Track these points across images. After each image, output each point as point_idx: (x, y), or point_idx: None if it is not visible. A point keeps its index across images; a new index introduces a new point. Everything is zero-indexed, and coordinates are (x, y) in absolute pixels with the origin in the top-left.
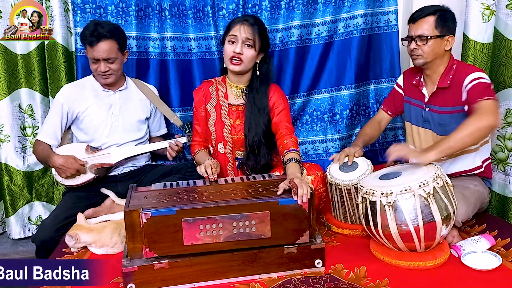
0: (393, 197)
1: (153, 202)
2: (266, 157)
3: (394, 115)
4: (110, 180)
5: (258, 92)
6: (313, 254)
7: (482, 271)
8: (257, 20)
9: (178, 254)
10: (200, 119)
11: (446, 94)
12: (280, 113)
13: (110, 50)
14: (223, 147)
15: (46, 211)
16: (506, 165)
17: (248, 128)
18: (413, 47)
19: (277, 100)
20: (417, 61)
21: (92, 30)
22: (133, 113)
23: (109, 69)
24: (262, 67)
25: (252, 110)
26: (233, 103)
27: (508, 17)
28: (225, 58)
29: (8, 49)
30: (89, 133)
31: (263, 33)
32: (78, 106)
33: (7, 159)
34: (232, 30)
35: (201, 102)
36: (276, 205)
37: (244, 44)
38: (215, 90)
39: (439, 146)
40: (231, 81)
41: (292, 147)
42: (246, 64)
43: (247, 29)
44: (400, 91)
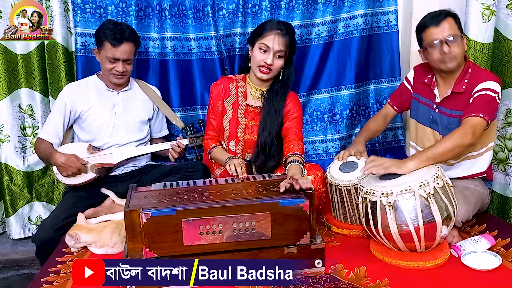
0: (393, 197)
1: (153, 202)
2: (276, 158)
3: (399, 110)
4: (110, 180)
5: (277, 95)
6: (313, 254)
7: (482, 271)
8: (289, 29)
9: (178, 254)
10: (217, 114)
11: (460, 98)
12: (293, 120)
13: (131, 51)
14: (234, 145)
15: (46, 211)
16: (506, 165)
17: (263, 128)
18: (446, 50)
19: (292, 108)
20: (451, 64)
21: (118, 31)
22: (135, 114)
23: (126, 70)
24: (285, 71)
25: (269, 111)
26: (251, 104)
27: (508, 17)
28: (253, 62)
29: (8, 49)
30: (91, 132)
31: (293, 41)
32: (81, 105)
33: (7, 159)
34: (265, 38)
35: (219, 97)
36: (277, 206)
37: (275, 56)
38: (234, 88)
39: (420, 156)
40: (253, 83)
41: (297, 151)
42: (274, 73)
43: (281, 40)
44: (409, 87)
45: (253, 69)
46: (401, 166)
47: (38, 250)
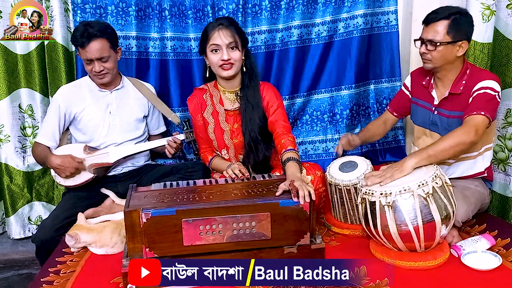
0: (392, 197)
1: (153, 202)
2: (265, 152)
3: (399, 116)
4: (110, 180)
5: (249, 88)
6: (313, 254)
7: (482, 271)
8: (230, 20)
9: (178, 254)
10: (200, 128)
11: (459, 99)
12: (275, 112)
13: (102, 49)
14: (226, 153)
15: (46, 211)
16: (506, 165)
17: (245, 127)
18: (423, 51)
19: (270, 99)
20: (425, 65)
21: (82, 31)
22: (130, 112)
23: (104, 68)
24: (246, 62)
25: (246, 108)
26: (229, 108)
27: (508, 17)
28: (213, 67)
29: (8, 49)
30: (87, 133)
31: (240, 30)
32: (76, 107)
33: (7, 159)
34: (211, 39)
35: (197, 111)
36: (277, 206)
37: (228, 49)
38: (209, 97)
39: (420, 154)
40: (224, 87)
41: (289, 146)
42: (237, 65)
43: (226, 32)
44: (407, 92)
45: (217, 72)
46: (402, 168)
47: (38, 250)
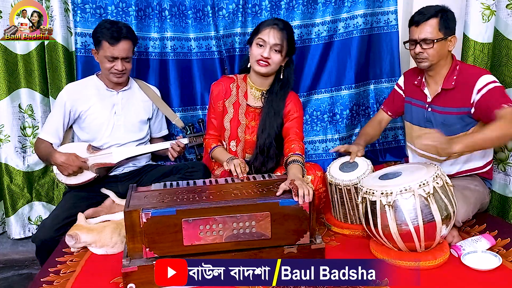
0: (393, 197)
1: (153, 202)
2: (274, 160)
3: (394, 115)
4: (110, 180)
5: (277, 96)
6: (313, 254)
7: (482, 271)
8: (286, 25)
9: (178, 254)
10: (217, 114)
11: (451, 94)
12: (294, 120)
13: (129, 49)
14: (235, 145)
15: (46, 211)
16: (506, 165)
17: (262, 130)
18: (418, 50)
19: (293, 108)
20: (422, 64)
21: (115, 30)
22: (135, 114)
23: (125, 68)
24: (285, 71)
25: (269, 113)
26: (252, 104)
27: (508, 17)
28: (251, 59)
29: (8, 49)
30: (91, 132)
31: (291, 38)
32: (81, 105)
33: (7, 159)
34: (261, 33)
35: (220, 97)
36: (277, 206)
37: (272, 49)
38: (235, 88)
39: (465, 141)
40: (253, 82)
41: (297, 151)
42: (272, 67)
43: (276, 34)
44: (400, 92)
45: (252, 65)
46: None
47: (38, 250)
